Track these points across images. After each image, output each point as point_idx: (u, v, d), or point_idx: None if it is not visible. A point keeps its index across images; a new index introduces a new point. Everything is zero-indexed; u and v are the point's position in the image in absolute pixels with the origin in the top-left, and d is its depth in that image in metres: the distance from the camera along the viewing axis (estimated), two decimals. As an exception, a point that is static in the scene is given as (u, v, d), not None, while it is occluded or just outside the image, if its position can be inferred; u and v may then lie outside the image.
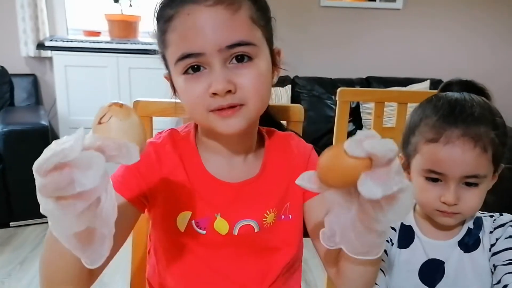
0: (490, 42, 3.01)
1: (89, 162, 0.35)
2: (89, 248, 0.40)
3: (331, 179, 0.42)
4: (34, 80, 2.68)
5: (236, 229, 0.62)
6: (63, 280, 0.47)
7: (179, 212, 0.61)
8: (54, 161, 0.35)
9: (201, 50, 0.53)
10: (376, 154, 0.38)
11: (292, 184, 0.63)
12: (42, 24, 2.60)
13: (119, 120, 0.41)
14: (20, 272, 1.80)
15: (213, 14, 0.53)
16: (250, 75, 0.55)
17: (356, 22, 2.88)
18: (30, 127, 2.13)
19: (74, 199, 0.36)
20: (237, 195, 0.62)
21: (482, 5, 2.94)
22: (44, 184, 0.36)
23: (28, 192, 2.52)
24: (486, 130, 0.66)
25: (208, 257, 0.62)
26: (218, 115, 0.55)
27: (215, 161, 0.63)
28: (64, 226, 0.38)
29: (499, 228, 0.73)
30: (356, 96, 1.21)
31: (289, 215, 0.65)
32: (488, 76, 3.06)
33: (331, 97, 2.61)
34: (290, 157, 0.66)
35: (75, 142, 0.35)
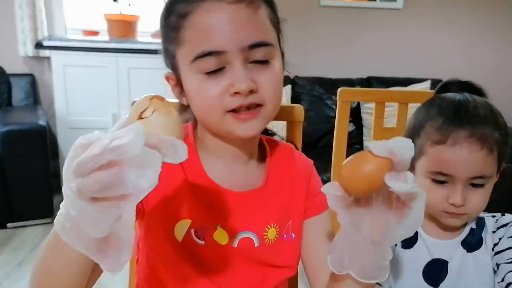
0: (490, 43, 3.01)
1: (148, 160, 0.32)
2: (109, 254, 0.37)
3: (355, 183, 0.44)
4: (32, 80, 2.67)
5: (236, 241, 0.60)
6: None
7: (178, 220, 0.57)
8: (107, 158, 0.32)
9: (223, 48, 0.51)
10: (396, 153, 0.41)
11: (294, 201, 0.63)
12: (41, 23, 2.59)
13: (162, 115, 0.38)
14: (18, 273, 1.79)
15: (235, 11, 0.51)
16: (269, 76, 0.54)
17: (356, 22, 2.87)
18: (28, 127, 2.12)
19: (119, 201, 0.33)
20: (239, 205, 0.59)
21: (482, 5, 2.94)
22: (86, 184, 0.32)
23: (27, 192, 2.52)
24: (491, 131, 0.67)
25: (205, 267, 0.59)
26: (236, 118, 0.53)
27: (216, 166, 0.60)
28: (93, 229, 0.35)
29: (502, 228, 0.73)
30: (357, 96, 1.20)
31: (292, 234, 0.63)
32: (488, 76, 3.07)
33: (331, 97, 2.60)
34: (293, 171, 0.65)
35: (136, 138, 0.31)
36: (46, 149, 2.15)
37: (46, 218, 2.21)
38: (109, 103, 2.48)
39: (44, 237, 1.77)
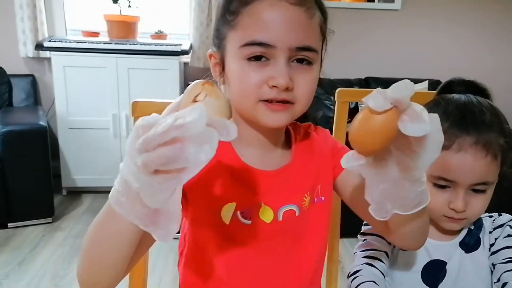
0: (489, 43, 3.01)
1: (208, 138, 0.36)
2: (161, 224, 0.41)
3: (370, 144, 0.43)
4: (33, 81, 2.68)
5: (280, 214, 0.63)
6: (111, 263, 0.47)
7: (224, 205, 0.61)
8: (172, 135, 0.35)
9: (273, 43, 0.54)
10: (399, 98, 0.40)
11: (320, 167, 0.67)
12: (41, 24, 2.60)
13: (213, 99, 0.42)
14: (18, 273, 1.79)
15: (293, 13, 0.55)
16: (307, 78, 0.57)
17: (354, 22, 2.88)
18: (28, 127, 2.12)
19: (179, 173, 0.37)
20: (276, 182, 0.64)
21: (480, 6, 2.95)
22: (152, 158, 0.36)
23: (27, 192, 2.52)
24: (496, 137, 0.66)
25: (254, 247, 0.63)
26: (268, 107, 0.57)
27: (249, 153, 0.64)
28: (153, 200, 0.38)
29: (498, 228, 0.73)
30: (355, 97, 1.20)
31: (321, 197, 0.67)
32: (487, 77, 3.05)
33: (330, 98, 2.61)
34: (315, 143, 0.69)
35: (200, 118, 0.35)
36: (47, 149, 2.16)
37: (46, 218, 2.22)
38: (109, 104, 2.48)
39: (45, 237, 1.78)
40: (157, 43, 2.57)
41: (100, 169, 2.51)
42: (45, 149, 2.15)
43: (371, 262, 0.71)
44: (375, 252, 0.73)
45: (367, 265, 0.71)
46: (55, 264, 1.87)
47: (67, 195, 2.59)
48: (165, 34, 2.77)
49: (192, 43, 2.72)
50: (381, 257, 0.72)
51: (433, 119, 0.41)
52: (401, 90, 0.40)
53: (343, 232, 0.90)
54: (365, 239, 0.76)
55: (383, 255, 0.73)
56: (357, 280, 0.68)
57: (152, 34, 2.75)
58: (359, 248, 0.76)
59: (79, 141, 2.48)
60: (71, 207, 2.44)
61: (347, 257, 1.88)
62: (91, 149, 2.51)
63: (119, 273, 0.49)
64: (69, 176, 2.54)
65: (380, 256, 0.72)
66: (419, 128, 0.40)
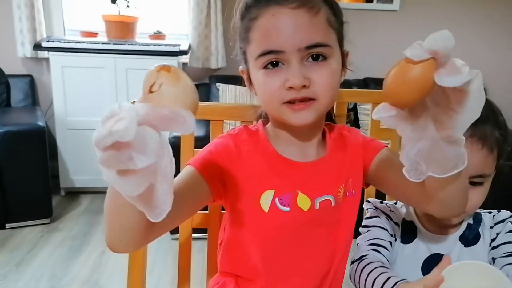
0: (487, 43, 3.02)
1: (144, 141, 0.35)
2: (152, 203, 0.41)
3: (405, 95, 0.41)
4: (31, 81, 2.67)
5: (317, 203, 0.66)
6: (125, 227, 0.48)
7: (262, 192, 0.64)
8: (110, 141, 0.34)
9: (282, 48, 0.58)
10: (437, 49, 0.39)
11: (352, 162, 0.69)
12: (39, 24, 2.59)
13: (170, 86, 0.39)
14: (16, 274, 1.79)
15: (295, 16, 0.58)
16: (324, 73, 0.59)
17: (353, 23, 2.85)
18: (26, 128, 2.12)
19: (136, 172, 0.36)
20: (312, 172, 0.66)
21: (478, 6, 2.95)
22: (105, 158, 0.36)
23: (25, 193, 2.52)
24: (491, 130, 0.68)
25: (291, 234, 0.66)
26: (291, 108, 0.60)
27: (286, 148, 0.67)
28: (127, 190, 0.39)
29: (500, 224, 0.75)
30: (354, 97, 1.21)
31: (352, 190, 0.70)
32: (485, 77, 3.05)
33: (328, 98, 2.61)
34: (347, 139, 0.72)
35: (129, 124, 0.34)
36: (45, 150, 2.15)
37: (44, 219, 2.21)
38: (108, 104, 2.47)
39: (43, 238, 1.78)
40: (156, 43, 2.57)
41: (98, 170, 2.34)
42: (43, 149, 2.14)
43: (376, 248, 0.73)
44: (379, 241, 0.74)
45: (373, 251, 0.72)
46: (53, 265, 1.86)
47: (65, 195, 2.58)
48: (163, 34, 2.77)
49: (190, 43, 2.72)
50: (386, 245, 0.74)
51: (475, 76, 0.40)
52: (439, 40, 0.40)
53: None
54: (368, 230, 0.77)
55: (387, 243, 0.74)
56: (364, 262, 0.70)
57: (150, 34, 2.75)
58: (362, 238, 0.77)
59: (77, 141, 2.47)
60: (70, 207, 2.43)
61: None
62: (90, 150, 2.46)
63: (136, 235, 0.49)
64: (67, 176, 2.53)
65: (385, 244, 0.74)
66: (454, 79, 0.39)
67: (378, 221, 0.77)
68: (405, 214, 0.78)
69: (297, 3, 0.57)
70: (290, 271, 0.67)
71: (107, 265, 1.87)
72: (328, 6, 0.61)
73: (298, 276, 0.68)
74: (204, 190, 0.61)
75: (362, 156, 0.70)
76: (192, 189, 0.60)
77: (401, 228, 0.77)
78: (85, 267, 1.86)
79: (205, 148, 0.66)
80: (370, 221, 0.78)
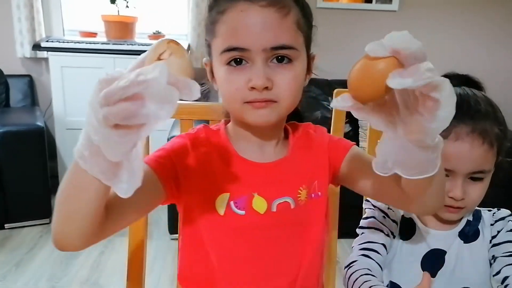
0: (486, 44, 3.03)
1: (169, 96, 0.36)
2: (123, 179, 0.42)
3: (362, 90, 0.42)
4: (30, 81, 2.67)
5: (274, 206, 0.64)
6: (79, 214, 0.47)
7: (218, 195, 0.63)
8: (134, 91, 0.35)
9: (247, 46, 0.56)
10: (397, 48, 0.39)
11: (318, 163, 0.68)
12: (38, 25, 2.59)
13: (178, 58, 0.42)
14: (15, 274, 1.79)
15: (264, 15, 0.56)
16: (288, 75, 0.58)
17: (352, 23, 2.88)
18: (25, 128, 2.12)
19: (138, 128, 0.38)
20: (271, 174, 0.65)
21: (477, 7, 2.96)
22: (112, 112, 0.36)
23: (24, 193, 2.52)
24: (491, 126, 0.68)
25: (248, 238, 0.64)
26: (251, 105, 0.59)
27: (247, 148, 0.66)
28: (112, 154, 0.39)
29: (500, 221, 0.76)
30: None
31: (318, 192, 0.68)
32: (484, 77, 3.07)
33: (327, 98, 2.61)
34: (312, 139, 0.71)
35: (160, 76, 0.35)
36: (44, 150, 2.15)
37: (43, 219, 2.21)
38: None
39: (42, 238, 1.78)
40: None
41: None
42: (42, 149, 2.14)
43: (367, 253, 0.73)
44: (371, 244, 0.74)
45: (363, 256, 0.72)
46: (53, 265, 1.86)
47: (65, 195, 2.58)
48: (163, 34, 2.77)
49: (190, 43, 2.72)
50: (378, 248, 0.74)
51: (443, 84, 0.40)
52: (397, 39, 0.40)
53: (341, 233, 0.91)
54: (362, 233, 0.77)
55: (380, 247, 0.74)
56: (351, 269, 0.70)
57: (150, 34, 2.75)
58: (356, 242, 0.77)
59: (76, 141, 2.43)
60: (69, 208, 2.43)
61: (345, 257, 1.88)
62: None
63: (88, 226, 0.48)
64: (67, 176, 2.52)
65: (377, 248, 0.74)
66: (401, 81, 0.39)
67: (373, 222, 0.77)
68: (404, 211, 0.79)
69: (267, 1, 0.56)
70: (252, 276, 0.65)
71: (106, 265, 1.87)
72: (299, 7, 0.60)
73: (262, 281, 0.65)
74: (157, 189, 0.60)
75: (328, 156, 0.69)
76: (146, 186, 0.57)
77: (400, 225, 0.77)
78: (84, 267, 1.86)
79: (162, 147, 0.64)
80: (365, 222, 0.78)
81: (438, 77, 0.40)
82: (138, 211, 0.58)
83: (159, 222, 2.05)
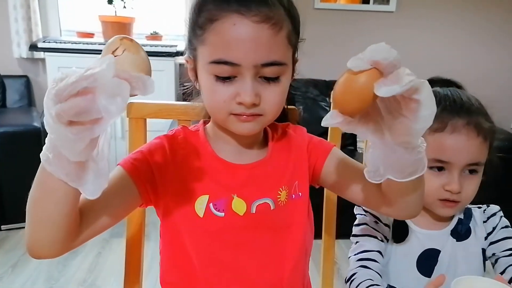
0: (483, 44, 3.04)
1: (118, 89, 0.37)
2: (88, 180, 0.42)
3: (349, 104, 0.44)
4: (27, 82, 2.66)
5: (254, 207, 0.64)
6: (49, 219, 0.47)
7: (197, 197, 0.62)
8: (82, 85, 0.36)
9: (238, 61, 0.55)
10: (377, 60, 0.41)
11: (297, 164, 0.68)
12: (35, 25, 2.58)
13: (132, 54, 0.43)
14: (12, 276, 1.78)
15: (257, 30, 0.55)
16: (275, 91, 0.59)
17: (350, 24, 2.89)
18: (22, 128, 2.11)
19: (92, 124, 0.38)
20: (250, 175, 0.65)
21: (475, 7, 2.97)
22: (64, 108, 0.37)
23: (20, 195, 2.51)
24: (483, 121, 0.70)
25: (229, 240, 0.64)
26: (238, 118, 0.59)
27: (226, 149, 0.66)
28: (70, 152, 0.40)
29: (492, 217, 0.77)
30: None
31: (299, 193, 0.68)
32: (481, 77, 3.09)
33: (325, 99, 2.62)
34: (292, 140, 0.70)
35: (107, 68, 0.36)
36: (40, 151, 2.14)
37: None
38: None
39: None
40: (152, 44, 2.56)
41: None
42: (39, 150, 2.08)
43: (365, 264, 0.73)
44: (368, 254, 0.74)
45: (361, 268, 0.72)
46: (49, 267, 1.85)
47: (62, 196, 2.57)
48: (160, 35, 2.76)
49: (187, 44, 2.72)
50: (375, 257, 0.74)
51: (422, 85, 0.42)
52: (376, 52, 0.41)
53: (338, 234, 0.90)
54: (357, 241, 0.77)
55: (376, 254, 0.74)
56: (354, 283, 0.69)
57: (147, 35, 2.74)
58: (352, 252, 0.77)
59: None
60: (66, 209, 2.43)
61: (342, 258, 1.88)
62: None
63: (60, 232, 0.48)
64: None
65: (374, 256, 0.74)
66: (389, 89, 0.41)
67: (366, 228, 0.77)
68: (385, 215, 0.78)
69: (260, 16, 0.54)
70: (234, 278, 0.64)
71: (103, 267, 1.86)
72: (290, 20, 0.59)
73: (245, 283, 0.64)
74: (132, 193, 0.59)
75: (309, 157, 0.69)
76: (120, 189, 0.57)
77: (392, 229, 0.77)
78: (81, 269, 1.85)
79: (139, 149, 0.63)
80: (358, 229, 0.78)
81: (417, 79, 0.42)
82: (112, 215, 0.56)
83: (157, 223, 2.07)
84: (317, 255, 0.92)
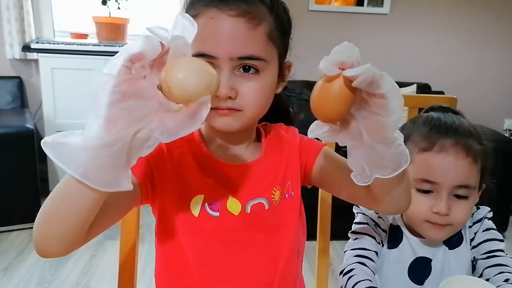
0: (475, 47, 3.07)
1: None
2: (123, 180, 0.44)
3: (330, 110, 0.44)
4: (20, 83, 2.64)
5: (248, 207, 0.65)
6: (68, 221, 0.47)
7: (192, 197, 0.63)
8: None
9: (215, 54, 0.56)
10: (342, 60, 0.42)
11: (290, 164, 0.69)
12: (28, 26, 2.57)
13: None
14: (4, 279, 1.76)
15: (233, 24, 0.56)
16: (253, 86, 0.58)
17: (344, 26, 2.91)
18: (15, 130, 2.09)
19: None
20: (245, 175, 0.66)
21: (467, 11, 3.00)
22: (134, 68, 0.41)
23: (13, 196, 2.48)
24: (474, 143, 0.70)
25: (224, 240, 0.64)
26: (215, 112, 0.58)
27: (219, 149, 0.66)
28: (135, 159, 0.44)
29: (477, 223, 0.76)
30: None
31: (291, 192, 0.68)
32: (472, 80, 3.12)
33: (320, 101, 2.63)
34: (284, 140, 0.71)
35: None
36: (34, 153, 2.13)
37: (32, 223, 2.10)
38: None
39: (31, 242, 1.74)
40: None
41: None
42: (32, 152, 2.12)
43: (363, 261, 0.73)
44: (365, 252, 0.74)
45: (359, 264, 0.72)
46: (42, 269, 1.83)
47: (55, 199, 2.55)
48: (154, 36, 2.76)
49: (182, 45, 2.72)
50: (372, 256, 0.74)
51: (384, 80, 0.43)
52: (341, 52, 0.43)
53: (333, 235, 0.91)
54: (356, 238, 0.77)
55: (373, 254, 0.74)
56: (352, 280, 0.69)
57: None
58: (349, 246, 0.77)
59: (67, 144, 2.45)
60: (59, 211, 2.41)
61: (337, 259, 1.89)
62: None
63: (73, 232, 0.48)
64: (56, 180, 2.49)
65: (371, 255, 0.74)
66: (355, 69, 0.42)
67: (366, 228, 0.77)
68: (392, 219, 0.79)
69: (237, 11, 0.56)
70: (229, 277, 0.65)
71: (97, 269, 1.85)
72: (273, 18, 0.60)
73: (238, 283, 0.65)
74: (135, 189, 0.59)
75: (300, 156, 0.69)
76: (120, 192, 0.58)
77: (388, 233, 0.77)
78: (74, 271, 1.84)
79: None
80: (359, 227, 0.78)
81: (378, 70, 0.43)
82: (117, 213, 0.58)
83: (151, 225, 2.06)
84: (312, 256, 0.92)
